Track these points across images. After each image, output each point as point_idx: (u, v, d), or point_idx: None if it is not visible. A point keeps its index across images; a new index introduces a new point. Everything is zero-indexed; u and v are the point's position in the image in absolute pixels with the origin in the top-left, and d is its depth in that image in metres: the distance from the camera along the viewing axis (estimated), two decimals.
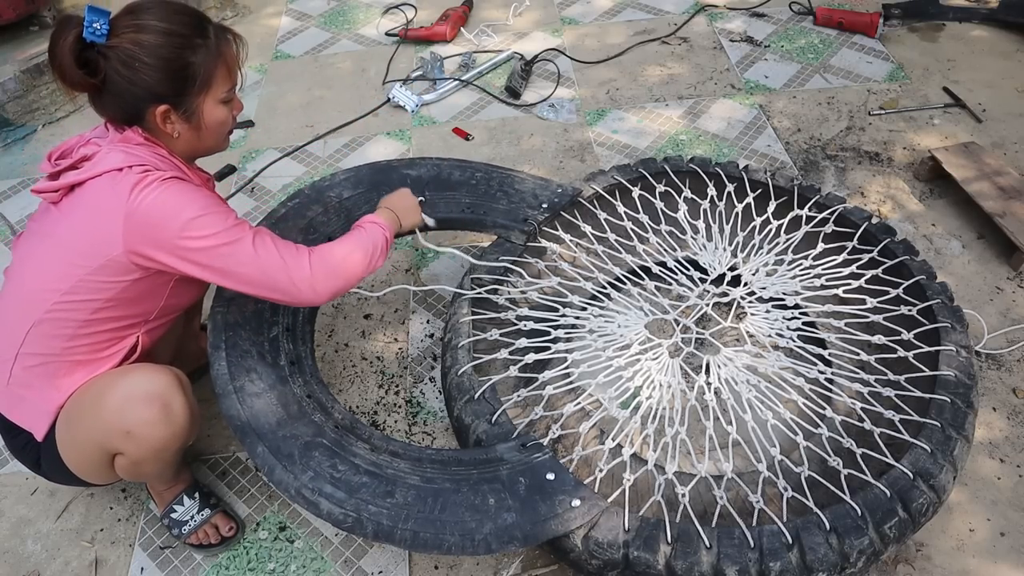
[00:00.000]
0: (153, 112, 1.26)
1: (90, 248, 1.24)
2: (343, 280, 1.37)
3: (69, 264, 1.26)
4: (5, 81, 2.66)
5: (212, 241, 1.24)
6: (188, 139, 1.33)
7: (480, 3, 3.29)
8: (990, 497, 1.54)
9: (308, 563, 1.52)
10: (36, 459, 1.40)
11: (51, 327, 1.28)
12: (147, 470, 1.39)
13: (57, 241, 1.27)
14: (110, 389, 1.30)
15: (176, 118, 1.28)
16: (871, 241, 1.75)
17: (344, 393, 1.83)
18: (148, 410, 1.28)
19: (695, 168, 1.92)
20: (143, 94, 1.24)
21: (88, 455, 1.34)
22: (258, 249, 1.28)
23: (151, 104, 1.25)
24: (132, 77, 1.21)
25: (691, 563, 1.19)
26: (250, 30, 3.28)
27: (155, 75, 1.22)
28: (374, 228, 1.46)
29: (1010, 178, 2.10)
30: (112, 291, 1.27)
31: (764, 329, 1.69)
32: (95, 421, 1.29)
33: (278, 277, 1.29)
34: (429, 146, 2.55)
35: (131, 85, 1.22)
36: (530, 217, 1.78)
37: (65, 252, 1.26)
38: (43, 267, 1.28)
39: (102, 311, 1.29)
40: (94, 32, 1.18)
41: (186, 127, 1.31)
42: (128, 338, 1.37)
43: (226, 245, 1.25)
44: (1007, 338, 1.83)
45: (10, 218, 2.40)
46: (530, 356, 1.58)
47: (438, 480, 1.31)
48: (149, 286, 1.32)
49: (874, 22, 2.84)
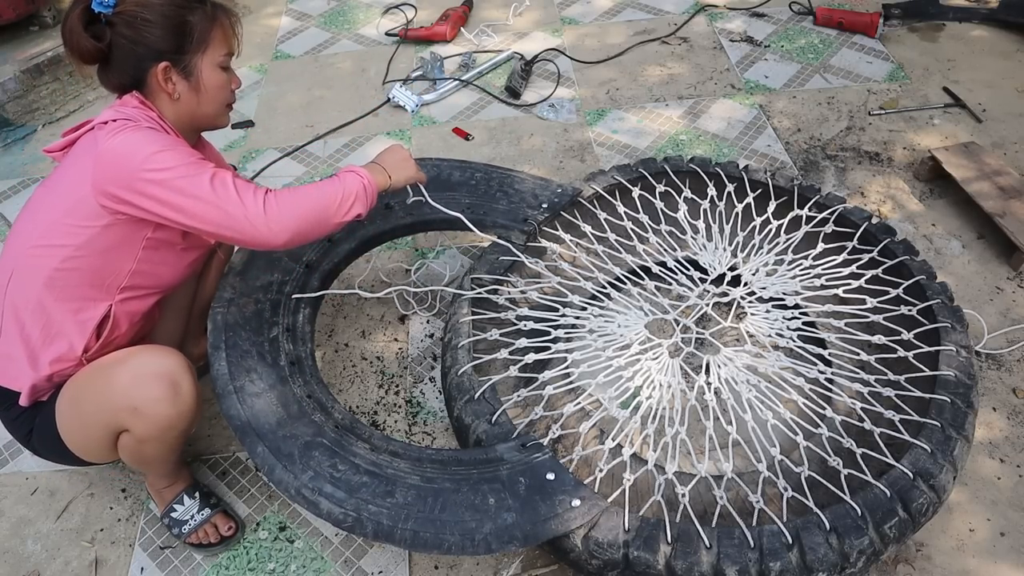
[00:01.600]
0: (155, 73, 1.31)
1: (65, 190, 1.31)
2: (303, 221, 1.31)
3: (48, 207, 1.32)
4: (5, 81, 2.66)
5: (169, 174, 1.24)
6: (188, 102, 1.36)
7: (480, 3, 3.29)
8: (990, 497, 1.54)
9: (308, 563, 1.52)
10: (28, 432, 1.41)
11: (27, 275, 1.32)
12: (150, 451, 1.39)
13: (45, 190, 1.36)
14: (119, 366, 1.32)
15: (176, 76, 1.33)
16: (871, 241, 1.75)
17: (344, 393, 1.83)
18: (157, 387, 1.30)
19: (695, 168, 1.92)
20: (145, 52, 1.30)
21: (91, 431, 1.35)
22: (215, 185, 1.26)
23: (152, 62, 1.31)
24: (135, 36, 1.29)
25: (691, 563, 1.19)
26: (250, 30, 3.28)
27: (156, 31, 1.29)
28: (350, 176, 1.38)
29: (1010, 178, 2.10)
30: (82, 236, 1.29)
31: (764, 329, 1.69)
32: (102, 397, 1.31)
33: (234, 213, 1.26)
34: (429, 146, 2.55)
35: (134, 45, 1.29)
36: (530, 217, 1.78)
37: (47, 197, 1.34)
38: (30, 214, 1.36)
39: (72, 259, 1.30)
40: (101, 3, 1.27)
41: (186, 86, 1.35)
42: (100, 304, 1.36)
43: (183, 179, 1.24)
44: (1007, 338, 1.83)
45: (10, 218, 2.40)
46: (530, 356, 1.58)
47: (438, 480, 1.31)
48: (119, 236, 1.31)
49: (874, 22, 2.84)
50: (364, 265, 2.14)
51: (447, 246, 2.18)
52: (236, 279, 1.60)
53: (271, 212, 1.28)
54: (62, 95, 2.83)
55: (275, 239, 1.29)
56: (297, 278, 1.64)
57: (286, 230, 1.29)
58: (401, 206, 1.79)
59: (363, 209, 1.38)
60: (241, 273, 1.62)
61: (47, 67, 2.74)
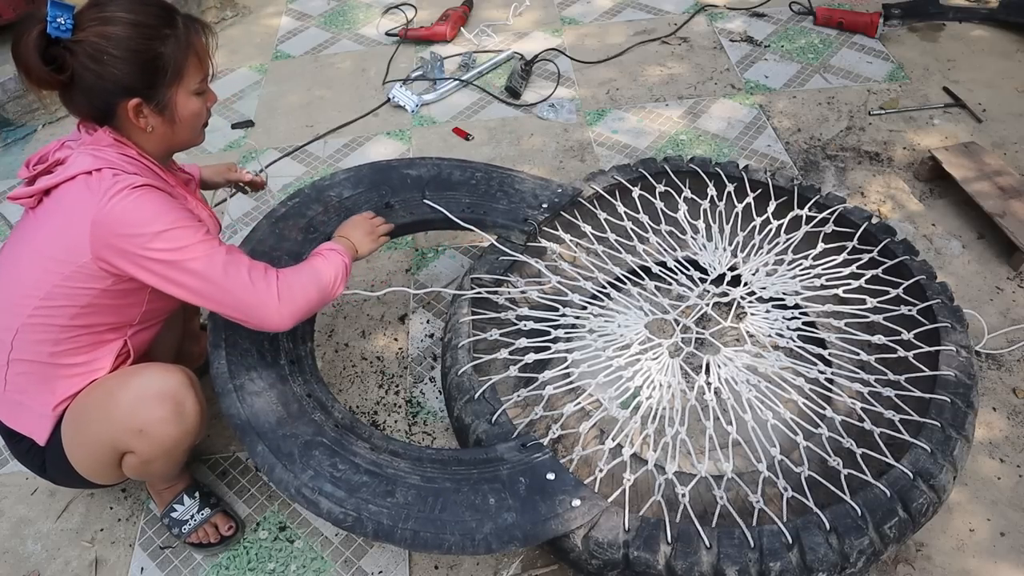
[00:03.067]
0: (125, 107, 1.22)
1: (61, 253, 1.22)
2: (306, 309, 1.33)
3: (43, 270, 1.23)
4: (5, 81, 2.66)
5: (179, 255, 1.20)
6: (162, 134, 1.29)
7: (480, 3, 3.29)
8: (990, 497, 1.54)
9: (308, 563, 1.52)
10: (41, 463, 1.39)
11: (34, 333, 1.27)
12: (156, 468, 1.39)
13: (33, 247, 1.25)
14: (121, 388, 1.30)
15: (149, 111, 1.24)
16: (871, 241, 1.75)
17: (344, 393, 1.83)
18: (161, 408, 1.28)
19: (695, 168, 1.92)
20: (113, 88, 1.20)
21: (97, 455, 1.34)
22: (228, 271, 1.24)
23: (122, 98, 1.21)
24: (101, 71, 1.17)
25: (691, 563, 1.19)
26: (250, 30, 3.28)
27: (124, 67, 1.18)
28: (335, 257, 1.41)
29: (1010, 178, 2.10)
30: (87, 297, 1.24)
31: (764, 329, 1.69)
32: (106, 420, 1.29)
33: (246, 300, 1.26)
34: (429, 146, 2.55)
35: (100, 79, 1.18)
36: (530, 217, 1.78)
37: (40, 258, 1.24)
38: (20, 273, 1.26)
39: (80, 316, 1.26)
40: (58, 27, 1.14)
41: (159, 120, 1.26)
42: (115, 342, 1.35)
43: (194, 260, 1.21)
44: (1007, 338, 1.83)
45: (10, 218, 2.40)
46: (530, 356, 1.58)
47: (438, 480, 1.31)
48: (125, 293, 1.28)
49: (874, 22, 2.84)
50: (364, 265, 2.14)
51: (447, 246, 2.18)
52: None
53: (284, 299, 1.28)
54: None
55: (283, 324, 1.30)
56: None
57: (294, 315, 1.31)
58: (402, 206, 1.79)
59: (343, 286, 1.41)
60: None
61: None
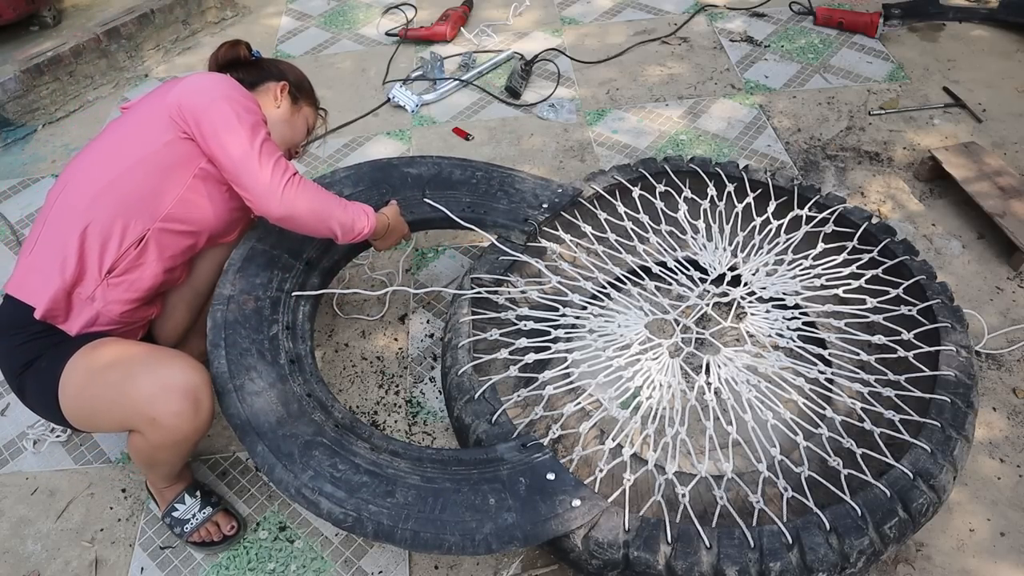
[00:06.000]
0: (275, 86, 1.60)
1: (141, 111, 1.45)
2: (309, 212, 1.44)
3: (118, 126, 1.46)
4: (5, 81, 2.66)
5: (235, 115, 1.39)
6: (281, 114, 1.61)
7: (480, 3, 3.29)
8: (990, 497, 1.54)
9: (308, 563, 1.52)
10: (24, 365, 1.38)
11: (79, 187, 1.39)
12: (162, 456, 1.40)
13: (116, 122, 1.48)
14: (146, 372, 1.32)
15: (287, 96, 1.62)
16: (871, 241, 1.75)
17: (344, 393, 1.83)
18: (180, 403, 1.30)
19: (695, 168, 1.92)
20: (277, 72, 1.64)
21: (98, 420, 1.37)
22: (263, 144, 1.41)
23: (277, 79, 1.62)
24: (273, 64, 1.65)
25: (691, 563, 1.19)
26: (250, 30, 3.28)
27: (289, 68, 1.68)
28: (364, 211, 1.54)
29: (1010, 178, 2.10)
30: (146, 149, 1.40)
31: (764, 329, 1.69)
32: (122, 396, 1.31)
33: (257, 173, 1.39)
34: (429, 146, 2.55)
35: (271, 66, 1.64)
36: (530, 217, 1.78)
37: (117, 124, 1.47)
38: (96, 142, 1.46)
39: (130, 172, 1.39)
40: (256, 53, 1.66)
41: (288, 105, 1.62)
42: (139, 225, 1.41)
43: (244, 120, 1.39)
44: (1007, 338, 1.83)
45: (10, 218, 2.40)
46: (530, 356, 1.58)
47: (438, 480, 1.31)
48: (177, 157, 1.41)
49: (874, 22, 2.84)
50: (365, 265, 2.14)
51: (447, 246, 2.18)
52: (236, 276, 1.60)
53: (288, 190, 1.41)
54: (62, 95, 2.83)
55: (275, 208, 1.41)
56: (297, 275, 1.64)
57: (288, 208, 1.42)
58: (402, 205, 1.79)
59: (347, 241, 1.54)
60: (241, 270, 1.61)
61: (47, 67, 2.74)
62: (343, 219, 1.49)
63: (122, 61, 2.98)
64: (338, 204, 1.49)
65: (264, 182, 1.39)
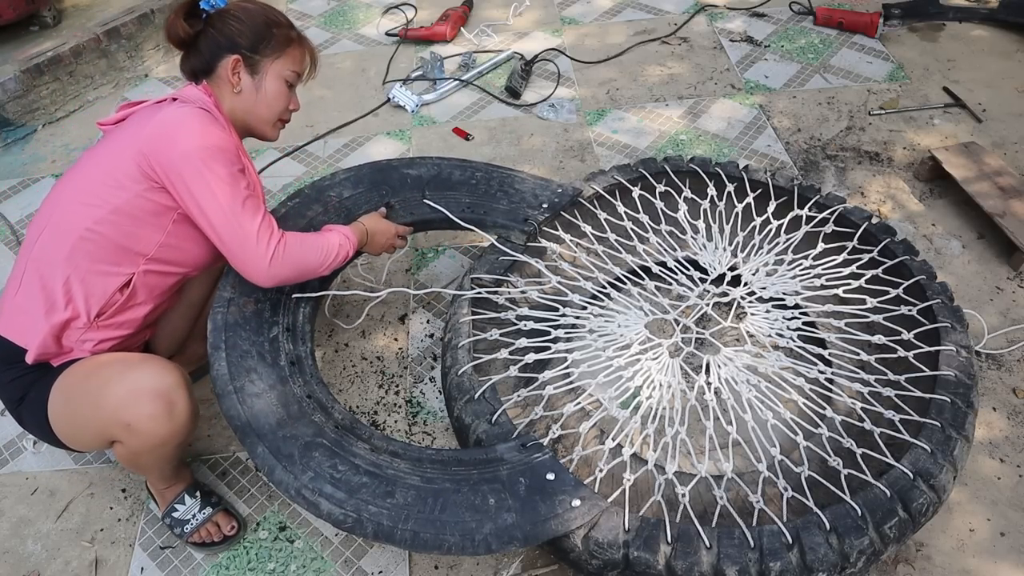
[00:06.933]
0: (226, 64, 1.42)
1: (112, 152, 1.38)
2: (293, 279, 1.47)
3: (91, 168, 1.39)
4: (5, 81, 2.66)
5: (209, 175, 1.32)
6: (246, 98, 1.46)
7: (480, 3, 3.29)
8: (990, 497, 1.54)
9: (308, 563, 1.52)
10: (20, 398, 1.39)
11: (58, 232, 1.35)
12: (145, 462, 1.41)
13: (89, 155, 1.42)
14: (117, 379, 1.31)
15: (243, 71, 1.44)
16: (871, 241, 1.75)
17: (344, 393, 1.83)
18: (152, 405, 1.30)
19: (695, 168, 1.92)
20: (225, 43, 1.42)
21: (83, 435, 1.37)
22: (245, 208, 1.36)
23: (227, 53, 1.42)
24: (222, 28, 1.42)
25: (691, 563, 1.19)
26: None
27: (239, 27, 1.42)
28: (341, 239, 1.53)
29: (1010, 178, 2.10)
30: (120, 198, 1.34)
31: (764, 329, 1.69)
32: (96, 408, 1.31)
33: (244, 241, 1.37)
34: (429, 146, 2.55)
35: (218, 35, 1.42)
36: (530, 217, 1.78)
37: (91, 161, 1.40)
38: (71, 177, 1.41)
39: (106, 222, 1.34)
40: (212, 5, 1.43)
41: (249, 82, 1.45)
42: (123, 270, 1.38)
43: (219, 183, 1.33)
44: (1007, 338, 1.83)
45: (10, 218, 2.40)
46: (530, 356, 1.58)
47: (438, 480, 1.31)
48: (154, 205, 1.37)
49: (874, 22, 2.84)
50: (365, 265, 2.14)
51: (447, 246, 2.18)
52: (236, 278, 1.60)
53: (274, 263, 1.40)
54: (62, 95, 2.83)
55: (263, 282, 1.42)
56: None
57: (278, 279, 1.43)
58: (402, 206, 1.79)
59: (338, 267, 1.55)
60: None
61: (47, 67, 2.74)
62: (324, 261, 1.49)
63: (122, 61, 2.98)
64: (317, 251, 1.48)
65: (250, 257, 1.38)
